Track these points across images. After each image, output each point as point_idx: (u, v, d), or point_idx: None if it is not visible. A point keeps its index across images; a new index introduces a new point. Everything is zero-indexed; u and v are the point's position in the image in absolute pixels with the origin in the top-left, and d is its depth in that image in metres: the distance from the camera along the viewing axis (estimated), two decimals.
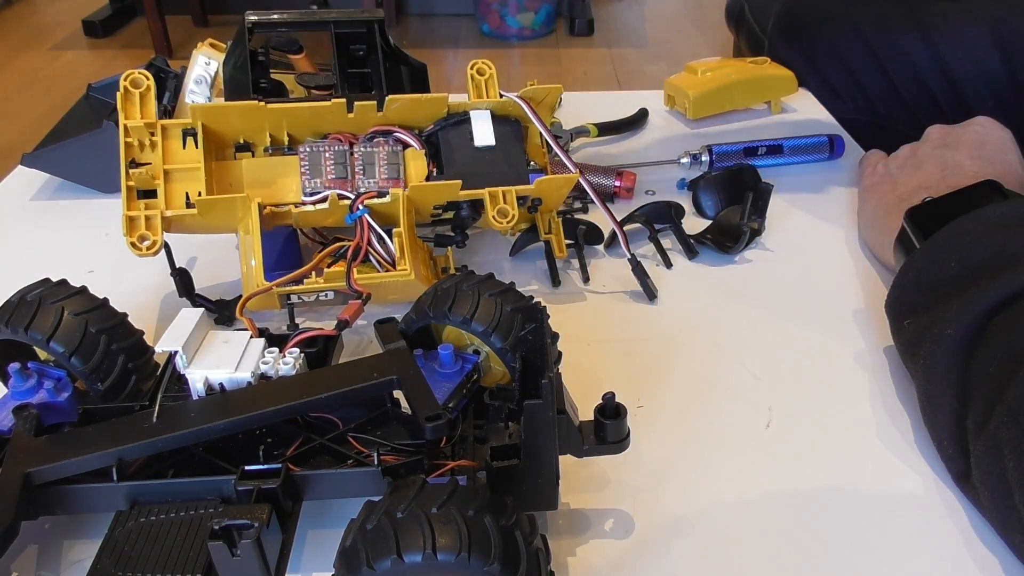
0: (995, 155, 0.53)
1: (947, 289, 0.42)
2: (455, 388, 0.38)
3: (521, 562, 0.29)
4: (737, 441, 0.43)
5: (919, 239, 0.46)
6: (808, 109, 0.80)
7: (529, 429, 0.33)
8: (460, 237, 0.54)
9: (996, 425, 0.36)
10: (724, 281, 0.56)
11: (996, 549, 0.37)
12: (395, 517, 0.29)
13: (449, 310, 0.39)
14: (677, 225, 0.59)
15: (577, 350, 0.49)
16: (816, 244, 0.59)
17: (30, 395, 0.39)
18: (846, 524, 0.38)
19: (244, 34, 0.52)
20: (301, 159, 0.49)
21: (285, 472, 0.34)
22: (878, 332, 0.50)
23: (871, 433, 0.43)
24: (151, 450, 0.35)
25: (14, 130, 2.18)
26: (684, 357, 0.49)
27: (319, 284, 0.47)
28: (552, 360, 0.38)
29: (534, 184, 0.50)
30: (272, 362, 0.38)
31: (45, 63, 2.67)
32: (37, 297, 0.40)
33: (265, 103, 0.48)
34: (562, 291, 0.55)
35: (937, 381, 0.40)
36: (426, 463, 0.35)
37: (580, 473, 0.40)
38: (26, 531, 0.35)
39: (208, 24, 2.97)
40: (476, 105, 0.51)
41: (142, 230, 0.46)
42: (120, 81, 0.47)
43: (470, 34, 2.82)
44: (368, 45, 0.55)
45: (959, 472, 0.39)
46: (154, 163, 0.47)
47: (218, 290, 0.54)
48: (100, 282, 0.52)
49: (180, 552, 0.33)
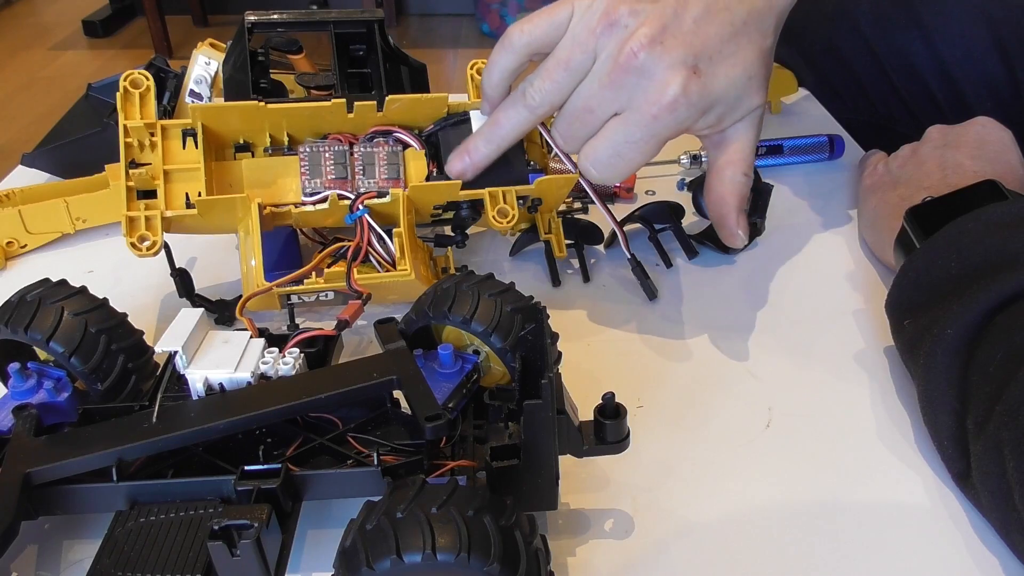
0: (995, 155, 0.53)
1: (947, 289, 0.42)
2: (455, 388, 0.38)
3: (521, 562, 0.29)
4: (737, 441, 0.43)
5: (919, 239, 0.46)
6: (808, 109, 0.80)
7: (529, 429, 0.33)
8: (460, 237, 0.54)
9: (996, 425, 0.36)
10: (724, 281, 0.56)
11: (996, 549, 0.37)
12: (395, 517, 0.29)
13: (449, 310, 0.39)
14: (677, 225, 0.59)
15: (577, 350, 0.49)
16: (816, 244, 0.59)
17: (30, 395, 0.39)
18: (846, 524, 0.38)
19: (244, 34, 0.52)
20: (301, 159, 0.49)
21: (285, 472, 0.34)
22: (878, 332, 0.50)
23: (871, 433, 0.43)
24: (151, 450, 0.35)
25: (14, 130, 2.18)
26: (684, 357, 0.49)
27: (319, 284, 0.47)
28: (552, 360, 0.38)
29: (534, 184, 0.50)
30: (272, 362, 0.38)
31: (45, 63, 2.67)
32: (37, 297, 0.40)
33: (265, 103, 0.48)
34: (562, 291, 0.55)
35: (937, 381, 0.40)
36: (426, 463, 0.35)
37: (580, 473, 0.40)
38: (26, 531, 0.35)
39: (208, 24, 2.97)
40: (476, 105, 0.52)
41: (142, 230, 0.46)
42: (120, 81, 0.47)
43: (470, 34, 2.82)
44: (368, 45, 0.55)
45: (959, 472, 0.39)
46: (154, 163, 0.47)
47: (218, 290, 0.54)
48: (100, 282, 0.52)
49: (180, 552, 0.33)
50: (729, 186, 0.48)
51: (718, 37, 0.43)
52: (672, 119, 0.43)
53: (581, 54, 0.44)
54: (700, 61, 0.43)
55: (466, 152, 0.48)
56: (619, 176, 0.46)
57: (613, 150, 0.44)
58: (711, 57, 0.43)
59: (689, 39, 0.43)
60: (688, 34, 0.43)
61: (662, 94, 0.42)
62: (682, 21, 0.43)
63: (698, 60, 0.43)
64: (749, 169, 0.48)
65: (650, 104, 0.43)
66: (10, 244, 0.59)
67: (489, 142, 0.48)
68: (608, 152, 0.44)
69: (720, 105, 0.45)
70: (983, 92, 0.74)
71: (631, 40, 0.42)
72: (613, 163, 0.45)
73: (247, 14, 0.53)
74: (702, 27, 0.43)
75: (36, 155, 0.65)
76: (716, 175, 0.48)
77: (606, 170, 0.45)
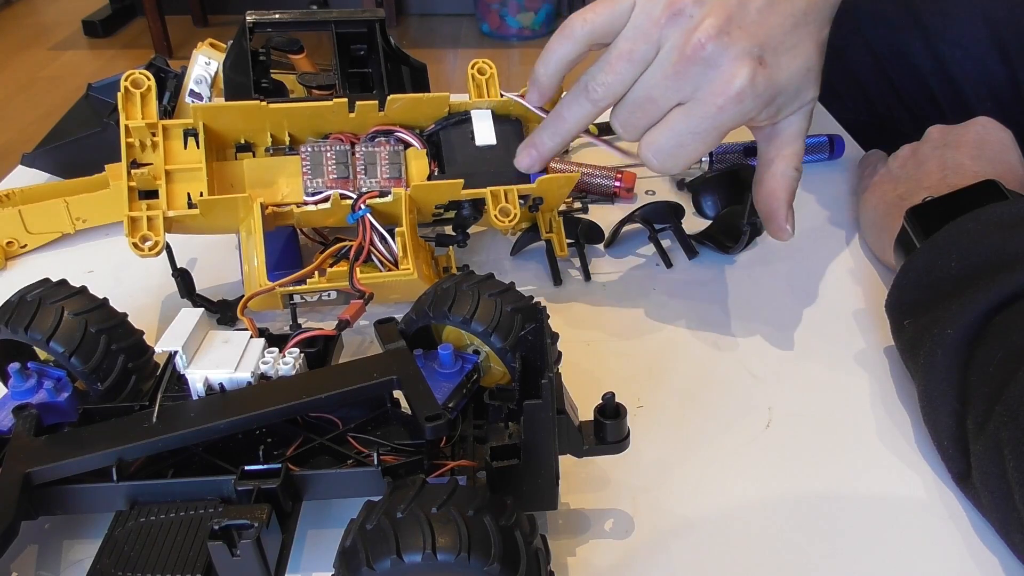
0: (996, 155, 0.53)
1: (947, 289, 0.42)
2: (455, 388, 0.38)
3: (521, 562, 0.29)
4: (737, 441, 0.43)
5: (920, 239, 0.46)
6: None
7: (529, 429, 0.33)
8: (461, 236, 0.54)
9: (996, 425, 0.36)
10: (724, 281, 0.56)
11: (996, 549, 0.37)
12: (395, 517, 0.29)
13: (449, 310, 0.39)
14: (677, 225, 0.59)
15: (577, 350, 0.49)
16: (816, 244, 0.59)
17: (30, 395, 0.39)
18: (846, 524, 0.38)
19: (244, 34, 0.52)
20: (303, 159, 0.49)
21: (285, 472, 0.34)
22: (878, 332, 0.50)
23: (871, 433, 0.43)
24: (151, 450, 0.35)
25: (14, 130, 2.18)
26: (684, 357, 0.49)
27: (322, 284, 0.47)
28: (552, 360, 0.38)
29: (535, 183, 0.50)
30: (272, 362, 0.38)
31: (45, 63, 2.67)
32: (37, 297, 0.40)
33: (266, 103, 0.48)
34: (563, 291, 0.55)
35: (937, 381, 0.40)
36: (426, 463, 0.35)
37: (580, 473, 0.40)
38: (26, 531, 0.35)
39: (208, 24, 2.97)
40: (477, 104, 0.52)
41: (144, 231, 0.46)
42: (121, 81, 0.47)
43: (470, 34, 2.82)
44: (369, 45, 0.55)
45: (959, 472, 0.39)
46: (155, 163, 0.47)
47: (219, 291, 0.54)
48: (100, 282, 0.52)
49: (180, 552, 0.33)
50: (781, 180, 0.47)
51: (781, 28, 0.43)
52: (738, 110, 0.43)
53: (645, 44, 0.43)
54: (765, 52, 0.43)
55: (533, 146, 0.49)
56: (680, 166, 0.45)
57: (676, 140, 0.44)
58: (775, 48, 0.43)
59: (754, 29, 0.42)
60: (753, 24, 0.42)
61: (729, 85, 0.42)
62: (747, 11, 0.42)
63: (763, 51, 0.42)
64: (800, 163, 0.47)
65: (716, 95, 0.42)
66: (10, 244, 0.59)
67: (555, 135, 0.48)
68: (671, 143, 0.44)
69: (782, 96, 0.44)
70: (983, 92, 0.74)
71: (698, 31, 0.42)
72: (676, 153, 0.44)
73: (247, 14, 0.53)
74: (766, 17, 0.43)
75: (36, 155, 0.65)
76: (767, 169, 0.48)
77: (668, 160, 0.45)
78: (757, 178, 0.49)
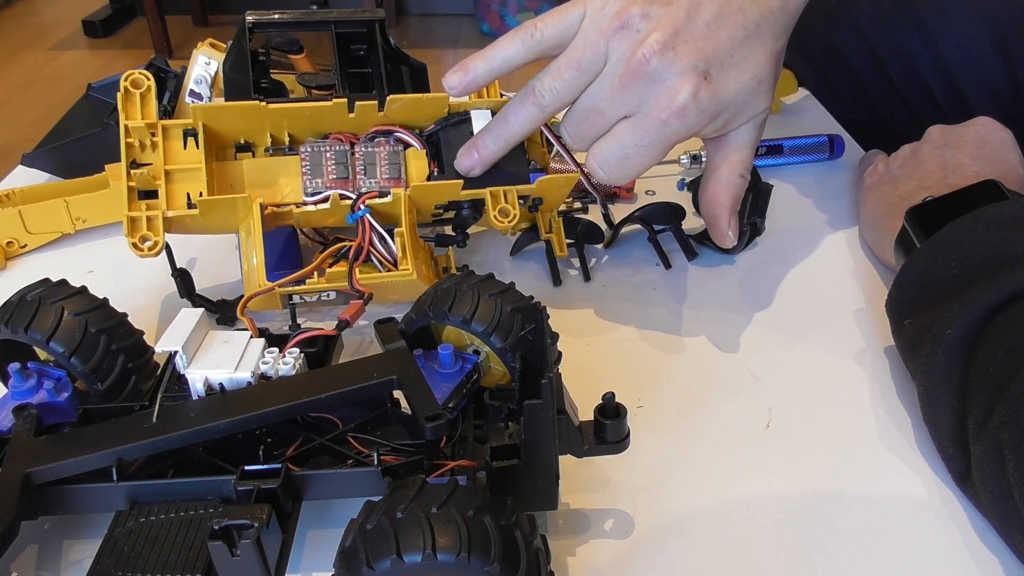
0: (996, 155, 0.53)
1: (948, 289, 0.42)
2: (455, 388, 0.38)
3: (521, 562, 0.29)
4: (737, 441, 0.43)
5: (920, 239, 0.46)
6: (808, 109, 0.80)
7: (529, 429, 0.33)
8: (461, 237, 0.54)
9: (996, 425, 0.36)
10: (724, 281, 0.56)
11: (996, 549, 0.37)
12: (395, 517, 0.29)
13: (449, 310, 0.39)
14: (677, 226, 0.59)
15: (577, 350, 0.49)
16: (816, 244, 0.59)
17: (30, 395, 0.39)
18: (846, 524, 0.38)
19: (244, 34, 0.52)
20: (302, 159, 0.49)
21: (285, 472, 0.34)
22: (878, 332, 0.50)
23: (871, 433, 0.43)
24: (151, 450, 0.35)
25: (14, 130, 2.18)
26: (684, 357, 0.49)
27: (322, 284, 0.47)
28: (552, 360, 0.38)
29: (535, 183, 0.50)
30: (272, 362, 0.38)
31: (45, 63, 2.68)
32: (37, 297, 0.40)
33: (266, 103, 0.48)
34: (562, 291, 0.55)
35: (937, 381, 0.40)
36: (426, 463, 0.35)
37: (580, 473, 0.40)
38: (26, 531, 0.35)
39: (208, 24, 2.97)
40: (477, 105, 0.51)
41: (144, 231, 0.46)
42: (121, 81, 0.47)
43: (470, 34, 2.82)
44: (368, 45, 0.55)
45: (959, 472, 0.39)
46: (155, 164, 0.47)
47: (219, 291, 0.54)
48: (100, 282, 0.52)
49: (180, 552, 0.33)
50: (724, 186, 0.48)
51: (730, 41, 0.43)
52: (681, 125, 0.43)
53: (592, 55, 0.43)
54: (711, 67, 0.43)
55: (475, 148, 0.49)
56: (626, 177, 0.46)
57: (621, 152, 0.44)
58: (722, 63, 0.43)
59: (701, 44, 0.42)
60: (700, 39, 0.42)
61: (672, 100, 0.42)
62: (694, 25, 0.42)
63: (709, 66, 0.43)
64: (746, 171, 0.48)
65: (660, 110, 0.43)
66: (10, 244, 0.59)
67: (498, 139, 0.48)
68: (616, 154, 0.45)
69: (728, 110, 0.45)
70: (983, 92, 0.74)
71: (643, 45, 0.42)
72: (621, 165, 0.45)
73: (247, 14, 0.53)
74: (715, 31, 0.43)
75: (36, 155, 0.65)
76: (712, 174, 0.48)
77: (613, 171, 0.45)
78: (703, 182, 0.49)
